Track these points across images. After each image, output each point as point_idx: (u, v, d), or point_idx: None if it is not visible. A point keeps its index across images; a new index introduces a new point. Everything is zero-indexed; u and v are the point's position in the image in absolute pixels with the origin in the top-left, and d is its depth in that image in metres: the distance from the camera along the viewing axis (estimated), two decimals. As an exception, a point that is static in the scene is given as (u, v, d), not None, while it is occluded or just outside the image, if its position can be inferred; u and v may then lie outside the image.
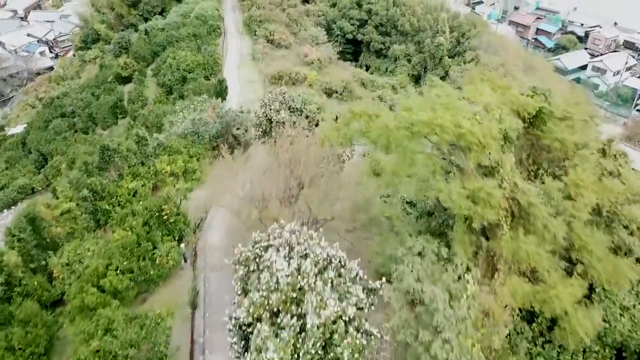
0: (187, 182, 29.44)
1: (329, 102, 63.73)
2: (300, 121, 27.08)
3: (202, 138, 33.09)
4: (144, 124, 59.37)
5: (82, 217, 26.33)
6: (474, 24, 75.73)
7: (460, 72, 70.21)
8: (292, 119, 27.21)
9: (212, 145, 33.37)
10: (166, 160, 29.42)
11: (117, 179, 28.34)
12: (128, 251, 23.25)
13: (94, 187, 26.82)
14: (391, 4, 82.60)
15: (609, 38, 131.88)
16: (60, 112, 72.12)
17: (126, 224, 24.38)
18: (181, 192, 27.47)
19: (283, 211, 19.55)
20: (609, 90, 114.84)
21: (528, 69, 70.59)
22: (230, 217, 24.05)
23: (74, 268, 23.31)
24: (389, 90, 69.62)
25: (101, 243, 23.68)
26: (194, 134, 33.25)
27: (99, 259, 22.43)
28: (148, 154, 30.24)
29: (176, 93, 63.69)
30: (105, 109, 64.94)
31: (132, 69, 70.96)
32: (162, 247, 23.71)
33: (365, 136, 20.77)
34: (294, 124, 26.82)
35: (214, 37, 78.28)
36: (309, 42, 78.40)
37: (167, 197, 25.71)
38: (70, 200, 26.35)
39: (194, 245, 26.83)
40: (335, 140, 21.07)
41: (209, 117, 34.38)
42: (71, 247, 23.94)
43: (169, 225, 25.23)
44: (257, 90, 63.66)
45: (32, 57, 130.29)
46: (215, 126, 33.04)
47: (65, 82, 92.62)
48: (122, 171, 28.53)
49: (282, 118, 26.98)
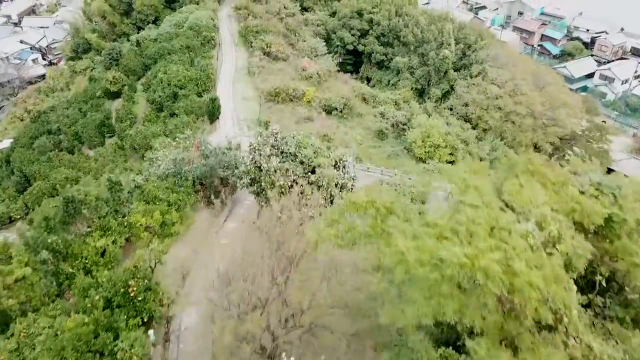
0: (164, 239, 25.92)
1: (329, 119, 60.48)
2: (295, 168, 23.64)
3: (184, 179, 29.69)
4: (131, 145, 55.96)
5: (40, 283, 22.87)
6: (481, 35, 72.22)
7: (466, 86, 66.76)
8: (284, 166, 23.80)
9: (195, 189, 29.94)
10: (142, 211, 25.95)
11: (84, 233, 24.93)
12: (83, 344, 19.62)
13: (55, 247, 23.40)
14: (393, 13, 79.10)
15: (616, 45, 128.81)
16: (46, 128, 68.71)
17: (87, 301, 20.86)
18: (155, 253, 24.00)
19: (264, 316, 15.93)
20: (617, 100, 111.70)
21: (537, 83, 67.03)
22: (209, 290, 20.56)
23: (25, 355, 19.69)
24: (391, 106, 66.12)
25: (53, 330, 20.02)
26: (175, 175, 29.84)
27: (47, 356, 18.84)
28: (122, 201, 26.86)
29: (167, 111, 60.24)
30: (92, 127, 61.49)
31: (122, 84, 67.47)
32: (126, 336, 20.04)
33: (372, 241, 15.91)
34: (286, 172, 23.37)
35: (208, 49, 74.80)
36: (308, 53, 74.95)
37: (135, 269, 22.19)
38: (26, 264, 22.83)
39: (165, 328, 23.24)
40: (333, 241, 16.24)
41: (193, 155, 31.01)
42: (24, 324, 20.38)
43: (137, 304, 21.70)
44: (253, 108, 60.21)
45: (25, 64, 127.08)
46: (200, 168, 29.60)
47: (54, 94, 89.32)
48: (91, 224, 25.14)
49: (273, 167, 23.53)
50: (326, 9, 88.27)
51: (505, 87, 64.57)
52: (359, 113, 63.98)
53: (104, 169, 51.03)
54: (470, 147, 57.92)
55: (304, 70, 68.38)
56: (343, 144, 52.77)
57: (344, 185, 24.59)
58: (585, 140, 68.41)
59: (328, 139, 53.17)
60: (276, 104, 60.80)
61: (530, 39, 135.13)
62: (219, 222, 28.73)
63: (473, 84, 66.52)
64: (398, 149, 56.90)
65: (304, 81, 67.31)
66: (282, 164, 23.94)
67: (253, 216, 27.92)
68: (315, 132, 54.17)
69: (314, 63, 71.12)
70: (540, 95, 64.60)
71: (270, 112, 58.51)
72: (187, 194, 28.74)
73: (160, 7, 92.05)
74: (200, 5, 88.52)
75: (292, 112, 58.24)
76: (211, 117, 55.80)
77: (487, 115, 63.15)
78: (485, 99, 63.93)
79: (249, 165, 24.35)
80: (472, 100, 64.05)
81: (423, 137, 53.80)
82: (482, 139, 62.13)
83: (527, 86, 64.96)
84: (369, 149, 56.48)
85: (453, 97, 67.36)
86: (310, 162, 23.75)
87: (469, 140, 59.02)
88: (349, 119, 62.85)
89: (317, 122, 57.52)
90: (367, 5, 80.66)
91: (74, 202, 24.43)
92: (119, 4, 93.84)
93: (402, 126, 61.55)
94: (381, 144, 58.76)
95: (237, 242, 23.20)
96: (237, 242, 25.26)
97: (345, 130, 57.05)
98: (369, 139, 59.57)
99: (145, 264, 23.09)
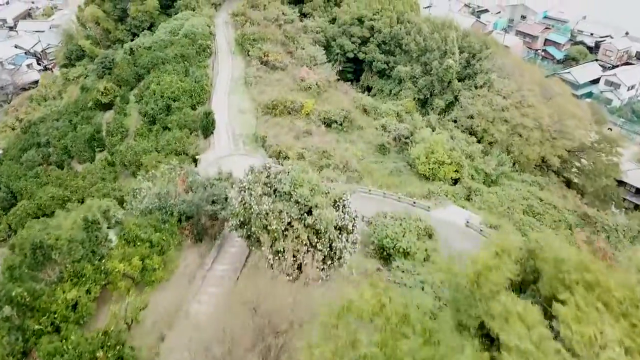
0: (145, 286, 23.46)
1: (329, 132, 58.03)
2: (289, 209, 21.17)
3: (169, 214, 27.27)
4: (121, 161, 53.55)
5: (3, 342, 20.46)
6: (485, 44, 69.72)
7: (471, 97, 64.24)
8: (278, 207, 21.33)
9: (180, 226, 27.51)
10: (120, 254, 23.51)
11: (55, 280, 22.50)
12: None
13: (20, 301, 21.04)
14: (395, 20, 76.62)
15: (621, 49, 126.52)
16: (35, 140, 66.29)
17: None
18: (132, 310, 21.54)
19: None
20: (623, 106, 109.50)
21: (545, 94, 64.54)
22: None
23: None
24: (393, 118, 63.66)
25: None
26: (160, 208, 27.41)
27: None
28: (100, 240, 24.44)
29: (159, 124, 57.81)
30: (81, 141, 59.08)
31: (113, 95, 65.05)
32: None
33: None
34: (280, 214, 20.87)
35: (204, 58, 72.38)
36: (307, 62, 72.47)
37: (106, 336, 19.69)
38: (-14, 322, 20.56)
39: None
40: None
41: (179, 189, 28.59)
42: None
43: (107, 380, 19.41)
44: (249, 122, 57.78)
45: (19, 70, 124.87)
46: (185, 204, 27.14)
47: (46, 103, 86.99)
48: (63, 269, 22.70)
49: (265, 209, 21.07)
50: (326, 15, 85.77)
51: (512, 99, 62.05)
52: (360, 126, 61.53)
53: (91, 188, 48.61)
54: (475, 163, 55.47)
55: (302, 81, 65.93)
56: (343, 161, 50.36)
57: (344, 227, 22.19)
58: (595, 152, 66.02)
59: (327, 155, 50.80)
60: (273, 117, 58.35)
61: (534, 43, 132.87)
62: (207, 264, 26.30)
63: (478, 94, 63.99)
64: (401, 164, 54.43)
65: (303, 92, 64.87)
66: (275, 204, 21.52)
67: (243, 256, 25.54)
68: (314, 147, 51.87)
69: (313, 72, 68.67)
70: (548, 107, 62.10)
71: (267, 126, 56.06)
72: (172, 233, 26.26)
73: (156, 13, 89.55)
74: (196, 12, 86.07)
75: (290, 126, 55.79)
76: (205, 132, 53.41)
77: (493, 128, 60.63)
78: (491, 110, 61.40)
79: (238, 207, 21.93)
80: (478, 113, 61.52)
81: (427, 153, 51.32)
82: (487, 153, 59.64)
83: (534, 97, 62.44)
84: (371, 164, 54.02)
85: (457, 109, 64.85)
86: (307, 202, 21.34)
87: (474, 155, 56.56)
88: (349, 132, 60.41)
89: (315, 136, 55.04)
90: (367, 12, 78.18)
91: (42, 247, 22.06)
92: (113, 9, 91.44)
93: (405, 140, 59.11)
94: (383, 159, 56.31)
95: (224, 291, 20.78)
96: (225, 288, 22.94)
97: (345, 146, 54.59)
98: (370, 154, 57.12)
99: (120, 324, 20.67)
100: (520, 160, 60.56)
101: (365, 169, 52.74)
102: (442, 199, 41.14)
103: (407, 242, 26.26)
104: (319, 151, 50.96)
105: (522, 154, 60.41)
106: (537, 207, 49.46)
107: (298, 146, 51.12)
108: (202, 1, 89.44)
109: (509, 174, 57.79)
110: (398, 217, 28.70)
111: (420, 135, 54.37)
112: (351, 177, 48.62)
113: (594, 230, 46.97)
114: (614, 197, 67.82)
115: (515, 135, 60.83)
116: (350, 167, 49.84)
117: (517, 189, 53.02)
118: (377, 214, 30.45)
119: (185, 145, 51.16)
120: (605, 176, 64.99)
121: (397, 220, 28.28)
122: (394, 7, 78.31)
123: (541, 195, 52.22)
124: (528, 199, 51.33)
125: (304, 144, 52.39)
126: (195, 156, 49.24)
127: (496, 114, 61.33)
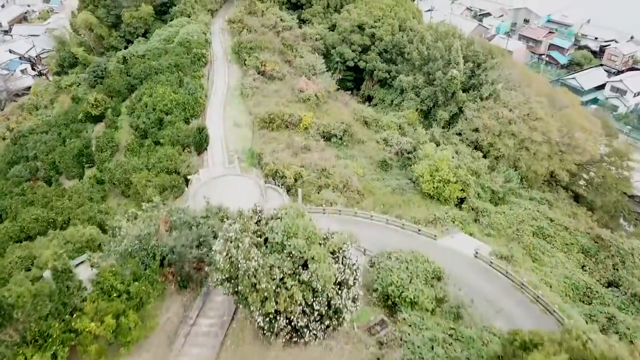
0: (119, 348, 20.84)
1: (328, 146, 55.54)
2: (281, 263, 18.56)
3: (150, 257, 24.67)
4: (110, 179, 51.06)
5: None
6: (491, 53, 67.14)
7: (476, 109, 61.67)
8: (268, 261, 18.70)
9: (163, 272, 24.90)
10: (93, 309, 20.95)
11: (17, 342, 19.93)
12: None
13: (-26, 372, 18.62)
14: (397, 28, 74.04)
15: (626, 54, 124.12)
16: (24, 153, 63.73)
17: None
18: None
19: None
20: (629, 113, 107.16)
21: (553, 105, 61.98)
22: None
23: None
24: (395, 131, 61.11)
25: None
26: (140, 251, 24.79)
27: None
28: (72, 291, 21.88)
29: (151, 138, 55.30)
30: (70, 156, 56.55)
31: (104, 107, 62.53)
32: None
33: None
34: (270, 270, 18.19)
35: (199, 67, 69.85)
36: (305, 71, 69.92)
37: None
38: None
39: None
40: None
41: (161, 231, 25.99)
42: None
43: None
44: (245, 136, 55.25)
45: (13, 75, 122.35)
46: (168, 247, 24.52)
47: (38, 112, 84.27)
48: (27, 328, 20.12)
49: (253, 266, 18.39)
50: (325, 22, 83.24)
51: (519, 111, 59.50)
52: (360, 139, 59.01)
53: (77, 209, 46.05)
54: (482, 180, 52.95)
55: (301, 92, 63.40)
56: (343, 180, 47.84)
57: (344, 281, 19.62)
58: (605, 165, 63.54)
59: (327, 174, 48.31)
60: (270, 131, 55.81)
61: (537, 47, 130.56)
62: (191, 318, 23.77)
63: (484, 106, 61.42)
64: (403, 182, 51.87)
65: (301, 103, 62.36)
66: (265, 258, 18.93)
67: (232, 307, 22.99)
68: (312, 165, 49.37)
69: (311, 83, 66.13)
70: (557, 120, 59.57)
71: (264, 142, 53.53)
72: (152, 281, 23.70)
73: (150, 20, 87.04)
74: (192, 18, 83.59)
75: (287, 142, 53.24)
76: (198, 148, 50.93)
77: (500, 142, 58.09)
78: (497, 124, 58.84)
79: (223, 263, 19.31)
80: (483, 126, 58.95)
81: (431, 171, 48.79)
82: (494, 169, 57.12)
83: (542, 109, 59.91)
84: (372, 182, 51.48)
85: (462, 121, 62.27)
86: (302, 255, 18.82)
87: (480, 172, 54.06)
88: (349, 146, 57.87)
89: (314, 152, 52.48)
90: (368, 19, 75.59)
91: (2, 307, 19.51)
92: (107, 16, 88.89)
93: (408, 155, 56.60)
94: (385, 176, 53.77)
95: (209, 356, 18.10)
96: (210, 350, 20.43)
97: (345, 162, 52.03)
98: (372, 170, 54.58)
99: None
100: (528, 175, 58.06)
101: (367, 187, 50.23)
102: (449, 225, 38.62)
103: (415, 290, 23.71)
104: (317, 169, 48.45)
105: (529, 169, 57.92)
106: (547, 229, 46.98)
107: (296, 164, 48.60)
108: (198, 7, 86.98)
109: (516, 190, 55.30)
110: (404, 259, 26.13)
111: (424, 152, 51.83)
112: (351, 198, 46.14)
113: (608, 254, 44.44)
114: (625, 212, 65.37)
115: (522, 150, 58.32)
116: (351, 187, 47.34)
117: (525, 207, 50.56)
118: (380, 253, 27.89)
119: (177, 163, 48.65)
120: (615, 191, 62.58)
121: (402, 263, 25.67)
122: (396, 14, 75.72)
123: (551, 215, 49.74)
124: (537, 219, 48.87)
125: (302, 161, 49.87)
126: (187, 176, 46.71)
127: (503, 127, 58.80)
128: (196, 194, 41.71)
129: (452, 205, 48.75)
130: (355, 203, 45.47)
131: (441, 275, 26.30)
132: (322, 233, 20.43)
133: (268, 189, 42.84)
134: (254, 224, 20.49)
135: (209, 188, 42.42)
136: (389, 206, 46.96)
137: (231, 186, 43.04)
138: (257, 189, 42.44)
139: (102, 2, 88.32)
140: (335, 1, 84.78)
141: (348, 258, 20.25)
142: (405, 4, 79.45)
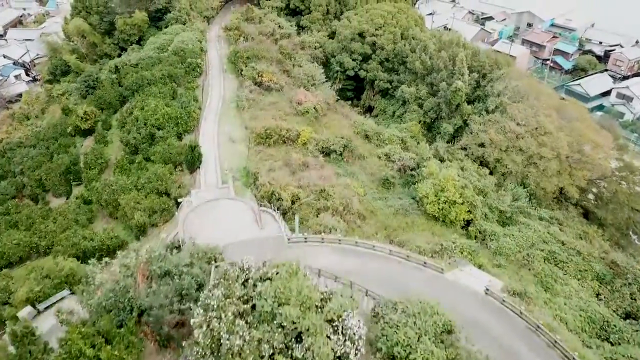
0: None
1: (328, 163, 52.95)
2: (271, 337, 15.98)
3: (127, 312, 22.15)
4: (97, 200, 48.49)
5: None
6: (497, 63, 64.53)
7: (482, 123, 59.02)
8: (256, 335, 16.11)
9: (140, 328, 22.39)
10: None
11: None
12: None
13: None
14: (399, 36, 71.41)
15: (632, 59, 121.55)
16: (11, 168, 61.14)
17: None
18: None
19: None
20: (636, 120, 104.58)
21: (563, 119, 59.33)
22: None
23: None
24: (398, 146, 58.50)
25: None
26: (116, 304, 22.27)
27: None
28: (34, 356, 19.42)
29: (142, 155, 52.75)
30: (56, 173, 53.99)
31: (94, 120, 59.99)
32: None
33: None
34: (258, 345, 15.62)
35: (193, 78, 67.29)
36: (304, 82, 67.36)
37: None
38: None
39: None
40: None
41: (139, 283, 23.41)
42: None
43: None
44: (240, 153, 52.64)
45: (6, 81, 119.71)
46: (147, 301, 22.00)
47: (28, 122, 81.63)
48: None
49: (237, 344, 15.76)
50: (325, 29, 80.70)
51: (527, 125, 56.87)
52: (361, 155, 56.38)
53: (62, 234, 43.47)
54: (489, 199, 50.35)
55: (299, 105, 60.81)
56: (344, 202, 45.22)
57: (344, 355, 17.05)
58: (615, 181, 60.92)
59: (326, 195, 45.69)
60: (267, 147, 53.21)
61: (541, 52, 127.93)
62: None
63: (489, 120, 58.77)
64: (407, 202, 49.23)
65: (299, 117, 59.79)
66: (252, 331, 16.33)
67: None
68: (311, 185, 46.76)
69: (310, 94, 63.54)
70: (567, 135, 56.91)
71: (260, 159, 50.91)
72: (128, 342, 21.16)
73: (145, 27, 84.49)
74: (187, 25, 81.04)
75: (284, 159, 50.64)
76: (191, 167, 48.35)
77: (507, 158, 55.44)
78: (504, 138, 56.20)
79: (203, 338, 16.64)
80: (490, 140, 56.29)
81: (436, 191, 46.20)
82: (501, 186, 54.50)
83: (551, 124, 57.29)
84: (374, 202, 48.88)
85: (467, 135, 59.60)
86: (295, 326, 16.28)
87: (487, 190, 51.44)
88: (349, 162, 55.27)
89: (313, 170, 49.82)
90: (369, 26, 72.96)
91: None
92: (100, 22, 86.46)
93: (411, 172, 54.03)
94: (387, 195, 51.16)
95: None
96: None
97: (345, 181, 49.41)
98: (373, 188, 51.98)
99: None
100: (536, 193, 55.42)
101: (368, 207, 47.63)
102: (456, 256, 36.05)
103: (423, 351, 21.15)
104: (316, 190, 45.84)
105: (538, 186, 55.27)
106: (559, 254, 44.38)
107: (293, 184, 46.00)
108: (194, 14, 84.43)
109: (525, 209, 52.66)
110: (411, 312, 23.51)
111: (428, 169, 49.22)
112: (352, 222, 43.53)
113: (624, 282, 41.85)
114: (637, 229, 62.77)
115: (531, 166, 55.68)
116: (352, 210, 44.72)
117: (535, 229, 47.94)
118: (385, 302, 25.22)
119: (168, 184, 46.08)
120: (627, 207, 59.98)
121: (409, 317, 23.04)
122: (398, 21, 73.11)
123: (563, 238, 47.10)
124: (548, 242, 46.26)
125: (299, 180, 47.24)
126: (177, 198, 44.12)
127: (510, 142, 56.17)
128: (186, 219, 39.12)
129: (458, 227, 46.23)
130: (356, 227, 42.88)
131: (452, 328, 23.81)
132: (318, 294, 17.85)
133: (263, 214, 40.24)
134: (239, 285, 17.93)
135: (200, 213, 39.84)
136: (391, 229, 44.43)
137: (223, 211, 40.44)
138: (251, 214, 39.84)
139: (95, 9, 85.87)
140: (335, 8, 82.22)
141: (349, 327, 17.69)
142: (408, 11, 76.91)
